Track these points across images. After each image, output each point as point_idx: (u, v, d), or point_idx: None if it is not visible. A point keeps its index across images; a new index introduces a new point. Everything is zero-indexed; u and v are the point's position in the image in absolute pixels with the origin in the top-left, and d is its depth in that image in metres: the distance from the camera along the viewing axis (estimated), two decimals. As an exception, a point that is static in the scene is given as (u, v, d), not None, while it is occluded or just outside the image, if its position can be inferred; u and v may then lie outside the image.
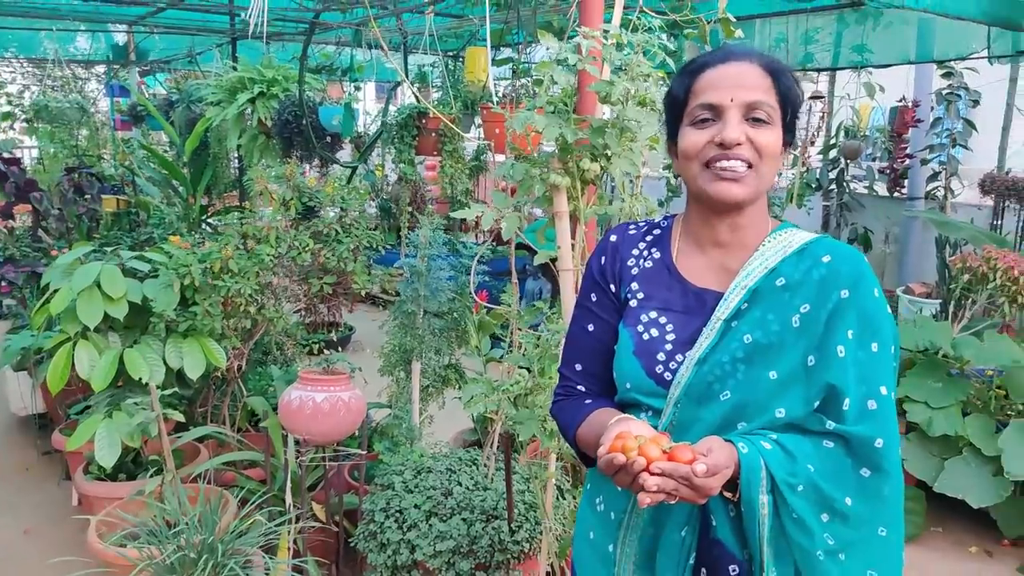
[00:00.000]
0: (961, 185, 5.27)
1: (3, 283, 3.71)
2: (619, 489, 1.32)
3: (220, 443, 3.40)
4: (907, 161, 5.56)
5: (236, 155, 4.55)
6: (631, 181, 2.31)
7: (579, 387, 1.44)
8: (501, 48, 3.13)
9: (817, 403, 1.23)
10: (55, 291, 2.98)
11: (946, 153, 5.21)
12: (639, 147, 2.19)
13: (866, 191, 5.87)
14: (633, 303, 1.36)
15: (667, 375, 1.29)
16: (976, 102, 5.22)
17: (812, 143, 5.44)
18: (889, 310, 1.33)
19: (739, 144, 1.23)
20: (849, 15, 5.03)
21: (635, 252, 1.41)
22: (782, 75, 1.28)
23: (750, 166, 1.25)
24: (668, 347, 1.30)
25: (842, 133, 5.53)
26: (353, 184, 4.13)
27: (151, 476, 3.08)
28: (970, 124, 5.25)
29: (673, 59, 2.01)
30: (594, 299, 1.42)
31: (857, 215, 5.78)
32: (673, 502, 1.12)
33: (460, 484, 2.79)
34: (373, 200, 6.46)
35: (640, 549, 1.32)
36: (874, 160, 6.12)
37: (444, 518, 2.67)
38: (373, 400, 3.57)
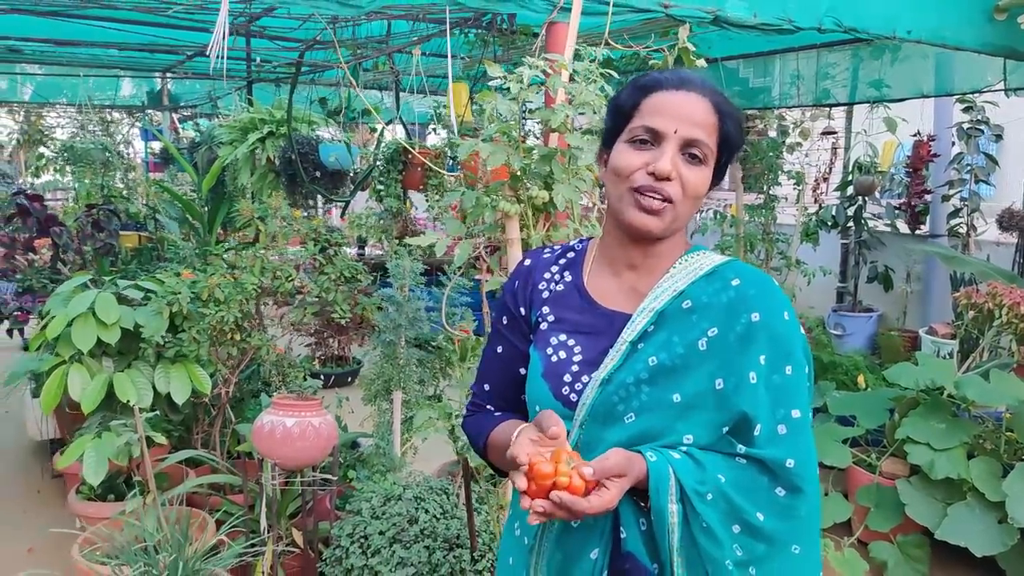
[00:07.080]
0: (984, 222, 5.08)
1: (22, 311, 3.91)
2: None
3: (213, 468, 3.48)
4: (924, 197, 5.39)
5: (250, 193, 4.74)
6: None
7: (487, 406, 1.48)
8: (478, 82, 3.22)
9: (726, 428, 1.23)
10: (53, 317, 3.13)
11: (967, 189, 5.04)
12: (582, 173, 2.22)
13: (887, 228, 5.69)
14: (544, 326, 1.37)
15: (573, 396, 1.29)
16: (999, 136, 5.06)
17: (825, 179, 5.35)
18: (801, 330, 1.32)
19: (669, 179, 1.23)
20: (863, 49, 4.97)
21: (547, 276, 1.42)
22: (729, 118, 1.27)
23: (671, 202, 1.24)
24: (575, 368, 1.30)
25: (856, 169, 5.40)
26: (358, 220, 4.23)
27: (135, 497, 3.16)
28: (991, 159, 5.09)
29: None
30: (505, 322, 1.44)
31: (877, 253, 5.61)
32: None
33: (427, 512, 2.79)
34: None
35: (550, 573, 1.31)
36: (896, 196, 5.96)
37: (407, 545, 2.67)
38: (359, 430, 3.61)
